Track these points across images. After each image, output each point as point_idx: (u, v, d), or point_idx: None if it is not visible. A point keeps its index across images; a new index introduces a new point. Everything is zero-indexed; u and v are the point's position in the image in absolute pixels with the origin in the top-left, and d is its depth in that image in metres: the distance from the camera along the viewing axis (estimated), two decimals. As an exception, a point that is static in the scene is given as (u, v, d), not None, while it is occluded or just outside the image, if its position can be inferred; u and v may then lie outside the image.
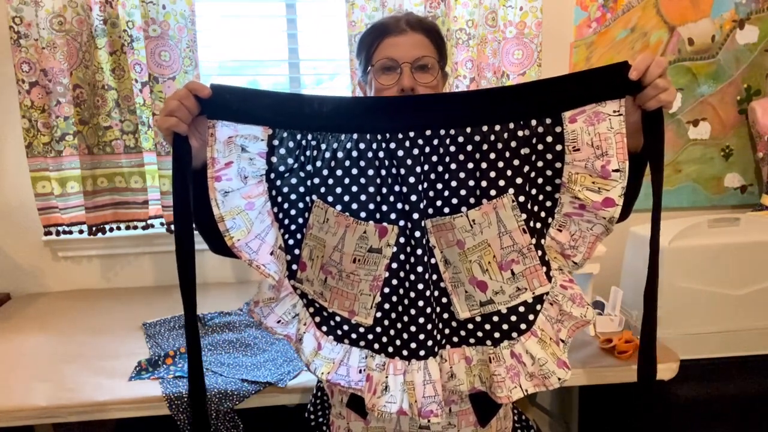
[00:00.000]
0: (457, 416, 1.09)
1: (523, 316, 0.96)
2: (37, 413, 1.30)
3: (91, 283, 2.10)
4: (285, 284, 0.99)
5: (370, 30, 1.13)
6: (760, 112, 2.16)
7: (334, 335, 1.00)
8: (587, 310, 0.98)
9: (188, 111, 0.89)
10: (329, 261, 0.97)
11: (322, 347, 0.99)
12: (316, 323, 1.00)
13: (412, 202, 0.92)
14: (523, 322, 0.96)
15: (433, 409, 0.94)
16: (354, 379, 0.98)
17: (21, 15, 1.73)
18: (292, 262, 0.99)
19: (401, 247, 0.94)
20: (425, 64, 1.08)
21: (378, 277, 0.96)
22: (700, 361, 1.69)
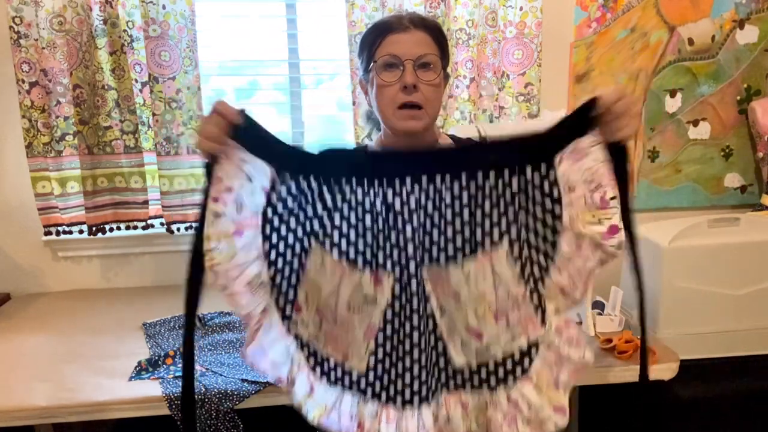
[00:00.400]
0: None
1: (518, 362, 0.97)
2: (37, 413, 1.30)
3: (91, 283, 2.10)
4: (279, 329, 0.99)
5: (372, 28, 1.13)
6: (760, 112, 2.16)
7: (327, 378, 1.00)
8: (585, 351, 0.97)
9: (222, 133, 0.92)
10: (325, 305, 0.97)
11: (315, 390, 0.99)
12: (310, 366, 1.00)
13: (408, 251, 0.93)
14: (519, 367, 0.97)
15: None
16: (345, 425, 0.98)
17: (21, 15, 1.73)
18: (286, 304, 0.99)
19: (397, 296, 0.95)
20: (428, 61, 1.08)
21: (372, 325, 0.96)
22: (700, 361, 1.69)
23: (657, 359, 1.49)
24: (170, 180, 1.92)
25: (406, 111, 1.08)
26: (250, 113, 0.93)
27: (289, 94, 2.15)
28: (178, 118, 1.88)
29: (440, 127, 1.98)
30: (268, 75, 2.20)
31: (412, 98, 1.07)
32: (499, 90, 1.99)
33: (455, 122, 1.98)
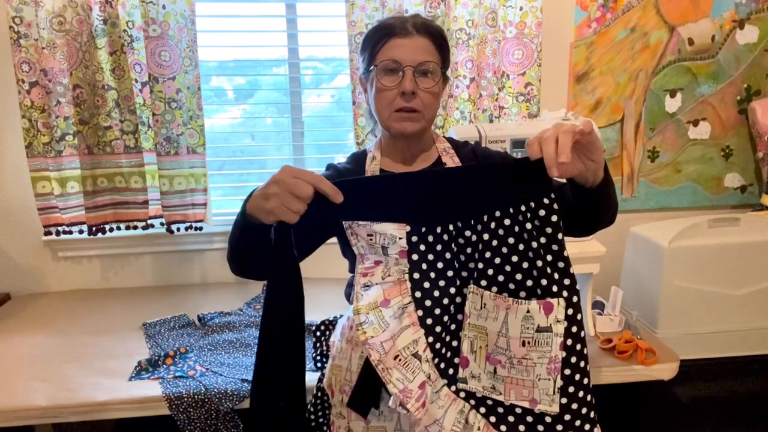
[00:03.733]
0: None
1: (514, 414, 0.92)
2: (37, 413, 1.30)
3: (91, 283, 2.10)
4: (446, 395, 0.91)
5: (376, 28, 1.13)
6: (760, 112, 2.16)
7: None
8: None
9: (304, 208, 0.84)
10: (495, 349, 0.89)
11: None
12: (492, 423, 0.90)
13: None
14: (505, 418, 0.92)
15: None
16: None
17: (21, 15, 1.73)
18: (449, 367, 0.91)
19: (570, 321, 0.87)
20: (428, 69, 1.08)
21: (554, 358, 0.87)
22: (700, 361, 1.69)
23: (657, 359, 1.49)
24: (170, 180, 1.92)
25: (402, 113, 1.08)
26: (347, 182, 0.87)
27: (289, 94, 2.15)
28: (178, 118, 1.88)
29: (440, 128, 1.98)
30: (268, 75, 2.20)
31: (410, 104, 1.08)
32: (499, 90, 1.99)
33: (455, 122, 1.98)
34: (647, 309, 1.73)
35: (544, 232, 0.87)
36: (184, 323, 1.74)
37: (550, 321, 0.87)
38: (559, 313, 0.87)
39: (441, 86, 1.12)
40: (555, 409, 0.88)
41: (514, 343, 0.88)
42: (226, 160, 2.21)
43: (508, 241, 0.88)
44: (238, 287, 2.10)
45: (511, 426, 0.90)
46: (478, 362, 0.91)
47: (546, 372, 0.87)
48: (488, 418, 0.90)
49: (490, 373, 0.91)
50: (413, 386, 0.86)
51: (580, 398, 0.88)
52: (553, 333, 0.87)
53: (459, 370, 0.91)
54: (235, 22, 2.09)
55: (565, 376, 0.87)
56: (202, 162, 1.95)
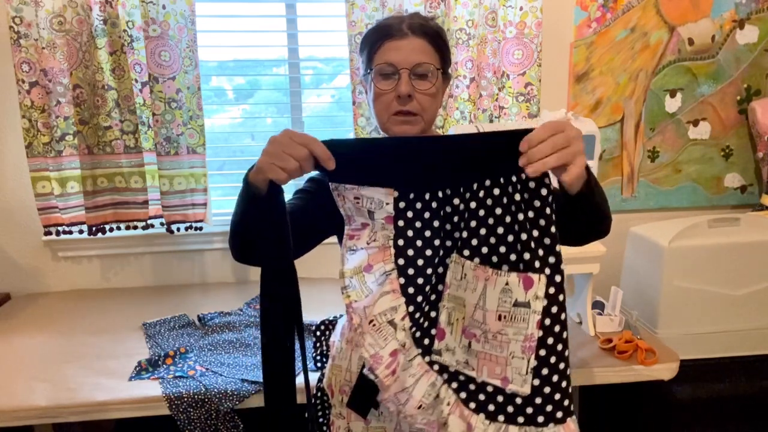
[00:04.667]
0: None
1: (485, 391, 0.89)
2: (37, 413, 1.30)
3: (91, 283, 2.10)
4: (419, 365, 0.89)
5: (372, 30, 1.12)
6: (760, 112, 2.16)
7: (485, 412, 0.87)
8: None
9: (302, 172, 0.86)
10: (471, 322, 0.87)
11: (474, 428, 0.86)
12: (462, 400, 0.88)
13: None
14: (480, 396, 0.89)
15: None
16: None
17: (21, 15, 1.73)
18: (425, 337, 0.89)
19: (550, 300, 0.84)
20: (424, 71, 1.08)
21: (530, 336, 0.84)
22: (700, 361, 1.69)
23: (657, 359, 1.49)
24: (170, 180, 1.92)
25: (400, 116, 1.08)
26: (337, 142, 0.86)
27: (289, 94, 2.15)
28: (178, 118, 1.88)
29: (440, 128, 1.98)
30: (268, 75, 2.20)
31: (407, 107, 1.07)
32: (499, 90, 1.99)
33: (455, 122, 1.98)
34: (647, 309, 1.73)
35: (532, 206, 0.84)
36: (184, 323, 1.74)
37: (529, 297, 0.84)
38: (539, 290, 0.83)
39: (440, 86, 1.12)
40: (526, 390, 0.85)
41: (490, 316, 0.85)
42: (226, 160, 2.21)
43: (495, 212, 0.86)
44: (238, 287, 2.10)
45: (481, 404, 0.87)
46: (454, 335, 0.89)
47: (520, 350, 0.84)
48: (459, 394, 0.88)
49: (465, 347, 0.88)
50: (384, 353, 0.85)
51: (554, 383, 0.85)
52: (530, 309, 0.84)
53: (435, 342, 0.90)
54: (235, 22, 2.09)
55: (539, 357, 0.84)
56: (202, 162, 1.95)
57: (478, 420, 0.87)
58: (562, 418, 0.86)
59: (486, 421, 0.87)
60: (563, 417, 0.86)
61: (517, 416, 0.86)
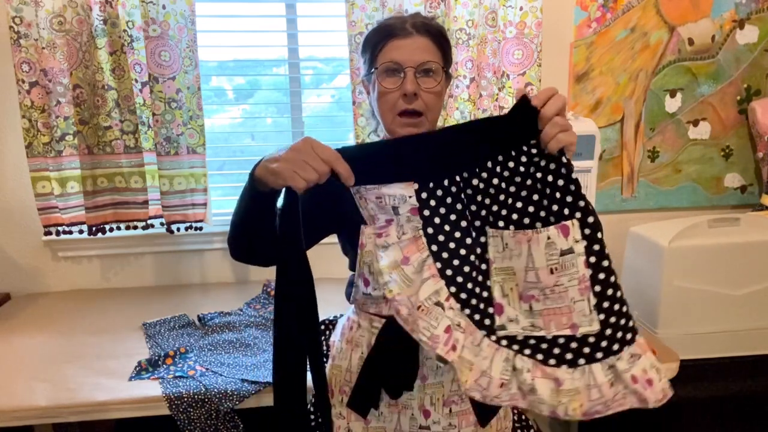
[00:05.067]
0: (458, 416, 1.09)
1: (552, 348, 0.91)
2: (37, 413, 1.30)
3: (91, 283, 2.10)
4: (487, 346, 0.90)
5: (375, 30, 1.12)
6: (760, 112, 2.16)
7: (566, 362, 0.89)
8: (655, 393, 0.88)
9: (319, 181, 0.87)
10: (526, 285, 0.91)
11: (562, 381, 0.88)
12: (540, 361, 0.90)
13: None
14: (554, 354, 0.91)
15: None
16: (608, 397, 0.88)
17: (21, 15, 1.73)
18: (485, 317, 0.91)
19: (589, 240, 0.88)
20: (429, 68, 1.07)
21: (582, 278, 0.88)
22: (700, 361, 1.69)
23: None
24: (170, 180, 1.92)
25: (405, 118, 1.08)
26: (349, 150, 0.89)
27: (289, 94, 2.15)
28: (178, 118, 1.88)
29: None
30: (268, 75, 2.20)
31: (413, 106, 1.07)
32: (499, 90, 1.99)
33: (455, 122, 1.98)
34: (647, 309, 1.73)
35: (548, 163, 0.89)
36: (184, 323, 1.74)
37: (570, 242, 0.88)
38: (576, 234, 0.88)
39: (444, 85, 1.12)
40: (596, 327, 0.88)
41: (543, 273, 0.89)
42: (226, 160, 2.21)
43: (515, 180, 0.90)
44: (238, 287, 2.10)
45: (559, 357, 0.89)
46: (512, 305, 0.92)
47: (578, 293, 0.88)
48: (535, 357, 0.90)
49: (526, 312, 0.91)
50: (439, 332, 0.87)
51: (616, 311, 0.89)
52: (575, 253, 0.88)
53: (495, 319, 0.92)
54: (235, 22, 2.09)
55: (596, 293, 0.88)
56: (202, 162, 1.95)
57: (562, 372, 0.89)
58: (632, 339, 0.89)
59: (570, 370, 0.89)
60: (632, 338, 0.89)
61: (595, 353, 0.89)
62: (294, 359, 0.95)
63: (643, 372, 0.88)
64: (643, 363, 0.88)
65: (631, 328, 0.89)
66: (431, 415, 1.09)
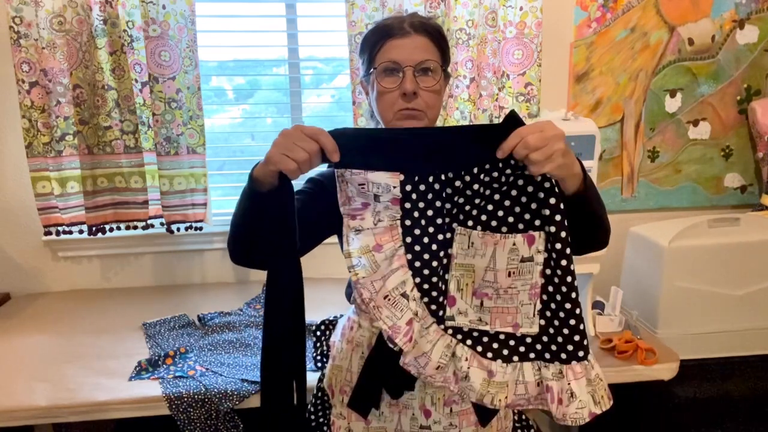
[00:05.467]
0: (458, 416, 1.09)
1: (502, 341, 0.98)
2: (37, 413, 1.30)
3: (91, 283, 2.10)
4: (434, 331, 0.97)
5: (373, 30, 1.12)
6: (760, 112, 2.16)
7: (501, 357, 0.97)
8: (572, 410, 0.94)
9: (311, 164, 0.89)
10: (482, 284, 0.97)
11: (494, 374, 0.96)
12: (478, 353, 0.97)
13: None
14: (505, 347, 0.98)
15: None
16: (533, 394, 0.96)
17: (21, 15, 1.73)
18: (439, 308, 0.97)
19: (551, 253, 0.93)
20: (428, 67, 1.08)
21: (535, 284, 0.95)
22: (700, 361, 1.69)
23: (657, 359, 1.49)
24: (170, 180, 1.92)
25: (406, 113, 1.08)
26: (343, 132, 0.91)
27: (289, 94, 2.15)
28: (178, 118, 1.88)
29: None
30: (268, 75, 2.20)
31: (412, 105, 1.07)
32: (499, 90, 1.99)
33: (455, 122, 1.98)
34: (647, 309, 1.73)
35: (532, 177, 0.92)
36: (184, 323, 1.74)
37: (533, 252, 0.94)
38: (540, 245, 0.94)
39: (442, 84, 1.12)
40: (534, 330, 0.96)
41: (501, 275, 0.95)
42: (226, 160, 2.21)
43: (494, 186, 0.94)
44: (238, 287, 2.10)
45: (496, 351, 0.97)
46: (464, 299, 0.98)
47: (527, 297, 0.96)
48: (475, 348, 0.98)
49: (476, 307, 0.98)
50: (401, 323, 0.93)
51: (556, 325, 0.94)
52: (534, 262, 0.94)
53: (447, 309, 0.98)
54: (235, 22, 2.09)
55: (543, 300, 0.95)
56: (202, 162, 1.95)
57: (496, 365, 0.96)
58: (567, 359, 0.94)
59: (503, 364, 0.96)
60: (567, 359, 0.94)
61: (528, 353, 0.97)
62: (281, 359, 0.98)
63: (559, 390, 0.94)
64: (563, 384, 0.94)
65: (569, 350, 0.94)
66: (432, 415, 1.09)
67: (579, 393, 0.93)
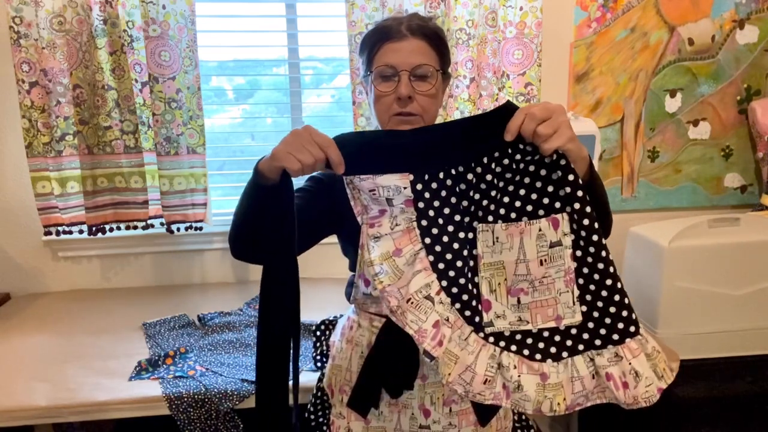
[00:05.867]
0: (458, 416, 1.09)
1: (537, 341, 0.93)
2: (37, 413, 1.30)
3: (91, 283, 2.10)
4: (474, 340, 0.91)
5: (372, 32, 1.12)
6: (760, 112, 2.16)
7: (551, 356, 0.91)
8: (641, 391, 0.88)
9: (314, 169, 0.89)
10: (515, 279, 0.92)
11: (548, 376, 0.90)
12: (526, 357, 0.91)
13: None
14: (541, 347, 0.93)
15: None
16: (590, 389, 0.90)
17: (21, 15, 1.73)
18: (474, 314, 0.91)
19: (578, 233, 0.90)
20: (424, 72, 1.08)
21: (568, 270, 0.91)
22: (700, 361, 1.69)
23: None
24: (170, 180, 1.92)
25: (402, 117, 1.09)
26: (345, 137, 0.90)
27: (289, 94, 2.15)
28: (178, 118, 1.88)
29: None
30: (268, 75, 2.20)
31: (408, 109, 1.07)
32: (499, 90, 1.99)
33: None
34: (647, 309, 1.73)
35: (543, 159, 0.90)
36: (184, 323, 1.74)
37: (559, 235, 0.90)
38: (565, 227, 0.90)
39: (440, 86, 1.12)
40: (578, 319, 0.91)
41: (533, 265, 0.91)
42: (226, 160, 2.21)
43: (506, 176, 0.92)
44: (238, 287, 2.10)
45: (544, 351, 0.91)
46: (500, 300, 0.93)
47: (564, 285, 0.91)
48: (521, 353, 0.92)
49: (514, 306, 0.93)
50: (427, 326, 0.88)
51: (600, 306, 0.90)
52: (563, 246, 0.91)
53: (483, 315, 0.93)
54: (235, 22, 2.09)
55: (579, 285, 0.91)
56: (202, 162, 1.95)
57: (547, 367, 0.90)
58: (620, 339, 0.89)
59: (554, 364, 0.91)
60: (620, 338, 0.89)
61: (577, 346, 0.91)
62: (276, 357, 0.97)
63: (621, 374, 0.89)
64: (624, 366, 0.89)
65: (620, 329, 0.90)
66: (431, 415, 1.09)
67: (643, 371, 0.88)
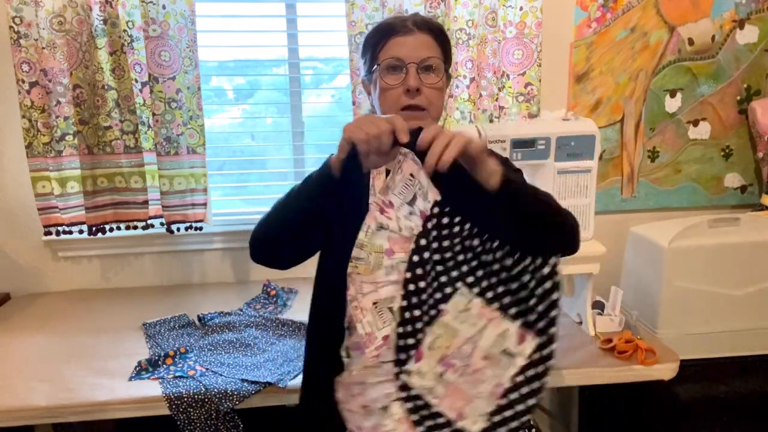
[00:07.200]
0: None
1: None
2: (37, 413, 1.30)
3: (91, 283, 2.10)
4: (388, 370, 0.91)
5: (376, 29, 1.13)
6: (760, 112, 2.16)
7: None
8: None
9: (380, 141, 0.88)
10: (457, 353, 0.90)
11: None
12: (413, 422, 0.91)
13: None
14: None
15: None
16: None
17: (21, 15, 1.73)
18: (408, 349, 0.90)
19: (531, 364, 0.89)
20: (431, 65, 1.08)
21: (501, 384, 0.89)
22: (700, 361, 1.69)
23: (657, 359, 1.49)
24: (170, 180, 1.92)
25: (408, 112, 1.08)
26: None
27: (289, 94, 2.15)
28: (178, 118, 1.88)
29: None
30: (268, 75, 2.20)
31: (415, 101, 1.07)
32: (499, 90, 1.99)
33: (455, 122, 1.98)
34: (647, 309, 1.73)
35: (544, 279, 0.89)
36: (184, 323, 1.74)
37: (518, 350, 0.89)
38: (527, 349, 0.89)
39: (445, 81, 1.13)
40: (476, 430, 0.90)
41: (478, 353, 0.90)
42: (226, 160, 2.21)
43: (511, 274, 0.90)
44: (238, 287, 2.10)
45: (429, 430, 0.91)
46: (430, 360, 0.92)
47: (487, 392, 0.90)
48: (410, 414, 0.91)
49: (437, 375, 0.91)
50: (379, 335, 0.89)
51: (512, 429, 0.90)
52: (512, 362, 0.89)
53: (411, 361, 0.92)
54: (235, 22, 2.09)
55: (499, 405, 0.90)
56: (202, 162, 1.95)
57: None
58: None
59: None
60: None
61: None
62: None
63: None
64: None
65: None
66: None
67: None
